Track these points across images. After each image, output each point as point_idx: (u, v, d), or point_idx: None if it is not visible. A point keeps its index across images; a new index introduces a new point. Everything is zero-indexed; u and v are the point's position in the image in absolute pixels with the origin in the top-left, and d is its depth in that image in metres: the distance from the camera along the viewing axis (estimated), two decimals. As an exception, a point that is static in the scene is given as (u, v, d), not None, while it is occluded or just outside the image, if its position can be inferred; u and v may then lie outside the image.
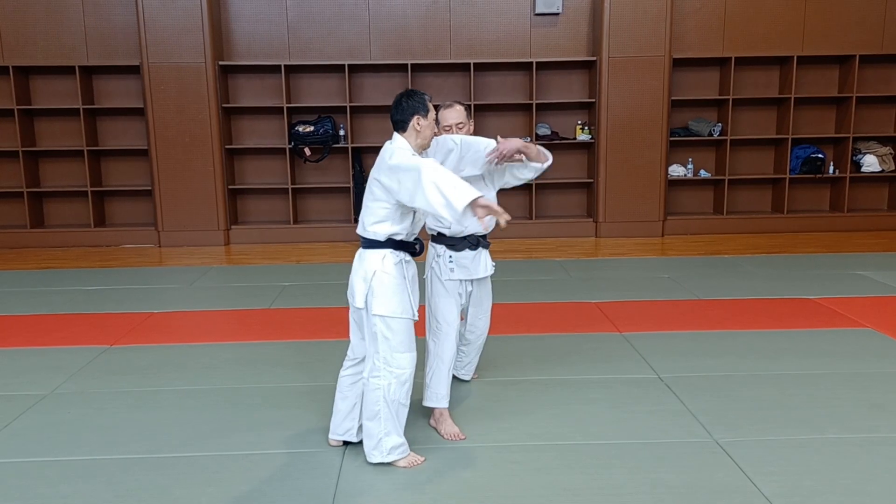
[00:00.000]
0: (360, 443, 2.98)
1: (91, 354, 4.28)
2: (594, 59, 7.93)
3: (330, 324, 4.79)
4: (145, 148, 7.93)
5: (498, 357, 4.10)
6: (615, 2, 7.69)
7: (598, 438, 3.13)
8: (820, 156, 8.20)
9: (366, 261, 2.82)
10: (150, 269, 6.85)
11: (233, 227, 8.12)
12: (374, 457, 2.86)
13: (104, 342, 4.51)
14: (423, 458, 2.93)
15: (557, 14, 8.03)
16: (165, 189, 7.86)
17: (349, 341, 3.01)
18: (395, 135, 2.85)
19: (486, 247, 3.36)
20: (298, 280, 6.16)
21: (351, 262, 2.92)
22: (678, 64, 8.05)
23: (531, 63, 7.94)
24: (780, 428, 3.19)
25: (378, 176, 2.77)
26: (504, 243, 7.63)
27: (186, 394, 3.69)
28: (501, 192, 3.40)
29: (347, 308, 2.95)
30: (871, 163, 8.27)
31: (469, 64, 7.91)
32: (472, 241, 3.30)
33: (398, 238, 2.83)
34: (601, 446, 3.06)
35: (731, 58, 7.96)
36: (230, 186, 8.07)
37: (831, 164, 8.35)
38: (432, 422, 3.23)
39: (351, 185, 8.06)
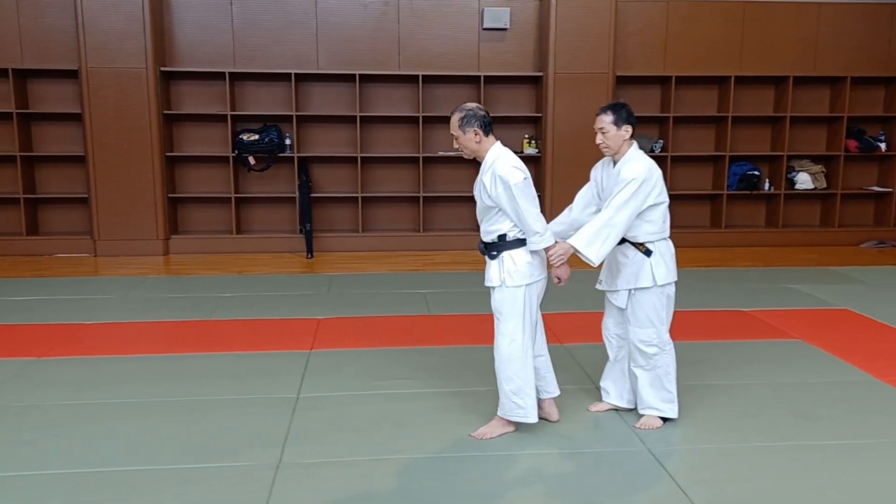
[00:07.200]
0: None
1: (14, 367, 4.10)
2: (541, 74, 8.05)
3: (272, 336, 4.67)
4: (82, 154, 7.69)
5: (444, 368, 4.09)
6: (561, 20, 7.83)
7: (527, 448, 3.14)
8: (756, 173, 8.48)
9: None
10: (85, 280, 6.62)
11: (172, 236, 7.92)
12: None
13: (30, 354, 4.33)
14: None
15: (505, 29, 8.12)
16: (102, 197, 7.63)
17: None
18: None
19: (489, 257, 3.33)
20: (240, 291, 6.04)
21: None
22: (621, 81, 8.22)
23: (479, 77, 8.01)
24: (711, 436, 3.27)
25: None
26: (454, 255, 7.65)
27: (117, 407, 3.57)
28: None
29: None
30: (804, 180, 8.59)
31: (418, 76, 7.93)
32: (481, 247, 3.33)
33: None
34: (529, 456, 3.07)
35: (671, 76, 8.18)
36: (170, 195, 7.88)
37: (767, 180, 8.64)
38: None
39: (297, 194, 7.96)
